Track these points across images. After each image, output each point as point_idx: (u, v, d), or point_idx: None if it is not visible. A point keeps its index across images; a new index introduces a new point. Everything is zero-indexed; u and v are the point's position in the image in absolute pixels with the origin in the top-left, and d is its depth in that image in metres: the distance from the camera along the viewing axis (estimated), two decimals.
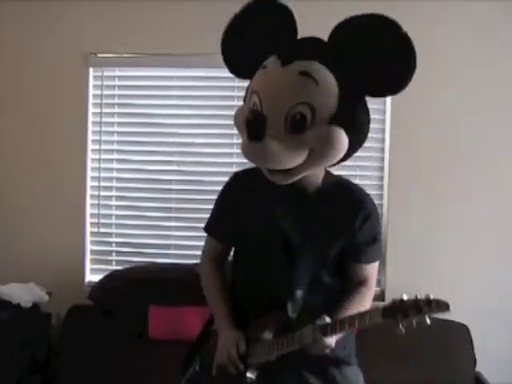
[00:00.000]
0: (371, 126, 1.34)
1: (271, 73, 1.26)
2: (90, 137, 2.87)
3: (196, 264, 2.59)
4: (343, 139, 1.24)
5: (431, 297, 1.12)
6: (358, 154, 1.37)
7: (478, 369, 2.52)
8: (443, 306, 1.11)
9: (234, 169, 2.79)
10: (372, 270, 1.48)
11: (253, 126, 1.22)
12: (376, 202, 1.49)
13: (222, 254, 1.60)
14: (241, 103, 1.39)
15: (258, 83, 1.29)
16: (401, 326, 1.13)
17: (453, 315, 2.70)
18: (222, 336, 1.46)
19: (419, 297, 1.13)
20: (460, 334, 2.54)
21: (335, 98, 1.22)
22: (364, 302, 1.43)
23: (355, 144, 1.31)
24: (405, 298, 1.14)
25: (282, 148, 1.22)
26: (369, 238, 1.43)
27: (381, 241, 1.49)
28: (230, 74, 1.40)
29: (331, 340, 1.29)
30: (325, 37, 1.28)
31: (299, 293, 1.39)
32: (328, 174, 1.45)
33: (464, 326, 2.55)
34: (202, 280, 1.59)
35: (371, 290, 1.48)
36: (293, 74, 1.21)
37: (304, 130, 1.22)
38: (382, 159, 2.79)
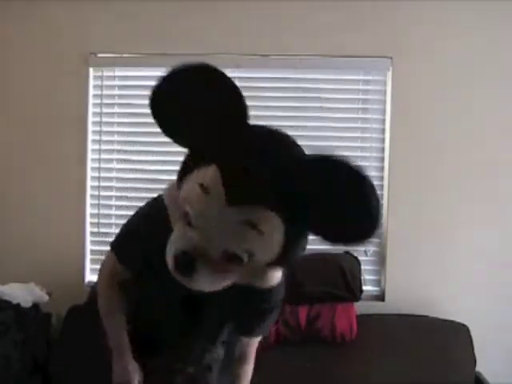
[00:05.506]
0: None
1: (212, 207, 1.03)
2: (90, 137, 2.87)
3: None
4: (277, 275, 1.29)
5: None
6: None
7: (477, 369, 2.52)
8: None
9: None
10: (253, 346, 1.48)
11: (182, 264, 1.09)
12: None
13: (124, 280, 1.51)
14: None
15: (194, 203, 1.05)
16: None
17: (453, 315, 2.73)
18: (121, 364, 1.50)
19: None
20: (460, 333, 2.54)
21: (278, 247, 1.06)
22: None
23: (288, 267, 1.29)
24: None
25: (211, 278, 1.11)
26: (256, 313, 1.39)
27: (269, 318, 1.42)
28: (229, 74, 1.37)
29: None
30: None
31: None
32: None
33: (464, 325, 2.55)
34: (102, 303, 1.53)
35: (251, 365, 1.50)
36: (238, 221, 1.01)
37: (238, 266, 1.08)
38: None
